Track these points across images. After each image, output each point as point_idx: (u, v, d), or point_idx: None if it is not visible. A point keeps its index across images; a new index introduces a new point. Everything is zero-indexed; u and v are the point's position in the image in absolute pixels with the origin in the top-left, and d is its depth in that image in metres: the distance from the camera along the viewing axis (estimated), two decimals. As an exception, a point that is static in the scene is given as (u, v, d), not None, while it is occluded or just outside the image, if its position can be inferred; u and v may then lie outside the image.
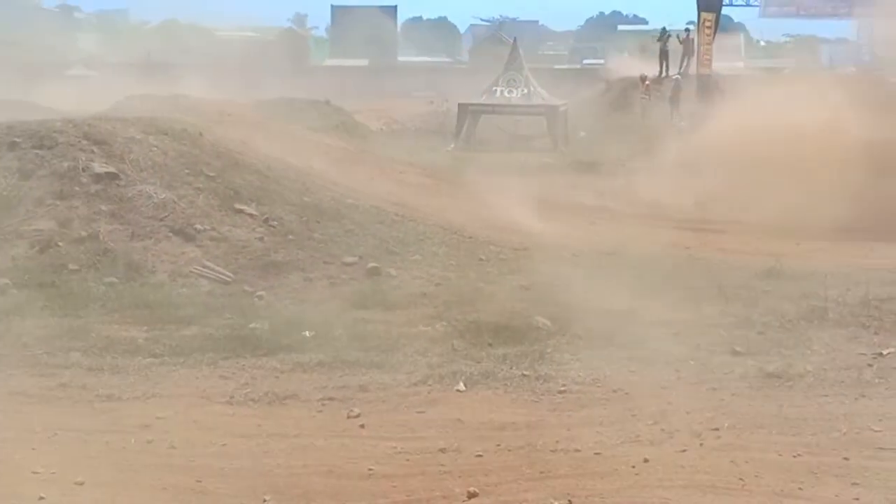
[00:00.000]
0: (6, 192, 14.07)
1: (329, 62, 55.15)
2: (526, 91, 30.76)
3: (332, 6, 57.47)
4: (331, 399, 9.45)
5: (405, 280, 13.50)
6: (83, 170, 14.55)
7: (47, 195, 14.27)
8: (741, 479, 7.72)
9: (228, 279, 13.28)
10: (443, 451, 8.32)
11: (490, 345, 10.93)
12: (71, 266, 13.20)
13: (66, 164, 14.62)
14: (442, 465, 8.11)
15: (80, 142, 15.07)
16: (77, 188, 14.35)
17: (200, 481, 7.78)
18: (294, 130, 19.74)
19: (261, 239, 14.16)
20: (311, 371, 10.21)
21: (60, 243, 13.53)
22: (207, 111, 18.72)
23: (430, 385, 9.76)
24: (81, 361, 10.18)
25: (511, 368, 10.15)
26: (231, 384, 9.78)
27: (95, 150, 14.98)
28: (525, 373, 10.03)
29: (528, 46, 41.46)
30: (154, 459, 8.12)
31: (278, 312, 12.21)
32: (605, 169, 22.76)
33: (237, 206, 14.69)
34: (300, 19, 55.23)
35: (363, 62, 52.71)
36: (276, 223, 14.56)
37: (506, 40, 42.34)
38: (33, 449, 8.03)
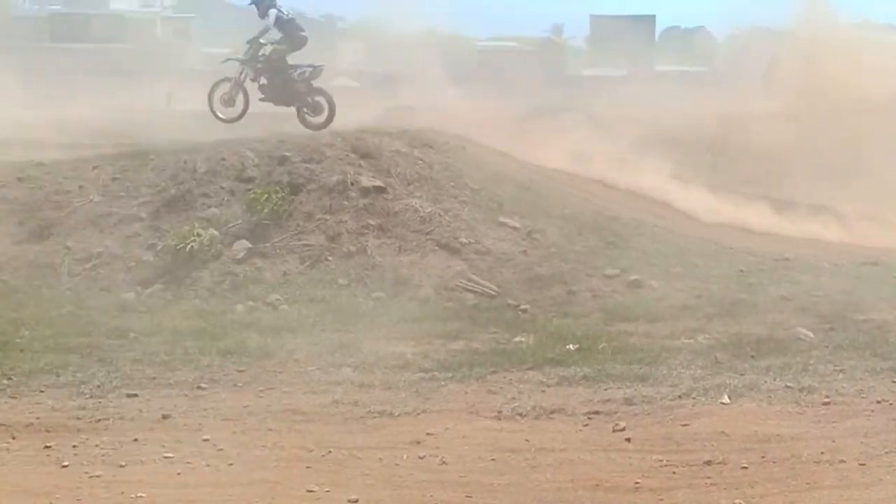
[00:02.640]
0: (277, 206, 15.10)
1: (587, 72, 55.51)
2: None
3: (590, 16, 57.82)
4: (596, 413, 9.84)
5: (667, 292, 13.71)
6: (351, 184, 15.46)
7: (317, 209, 15.25)
8: None
9: (493, 293, 13.86)
10: (708, 463, 8.63)
11: (753, 357, 11.25)
12: (340, 281, 14.19)
13: (334, 178, 15.56)
14: (708, 477, 8.42)
15: (348, 155, 16.00)
16: (345, 202, 15.27)
17: (471, 497, 8.26)
18: (553, 141, 20.14)
19: (524, 252, 14.64)
20: (577, 385, 10.59)
21: (330, 258, 14.56)
22: (468, 122, 19.45)
23: (694, 398, 10.02)
24: (353, 377, 10.86)
25: (774, 380, 10.43)
26: (499, 398, 10.26)
27: (363, 163, 15.87)
28: (788, 384, 10.28)
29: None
30: (426, 475, 8.62)
31: (543, 326, 12.70)
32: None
33: (501, 218, 15.23)
34: (557, 29, 55.94)
35: (621, 72, 52.69)
36: (538, 236, 15.01)
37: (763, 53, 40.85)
38: (308, 467, 8.61)
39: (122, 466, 8.59)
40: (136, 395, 10.24)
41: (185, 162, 16.13)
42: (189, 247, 14.39)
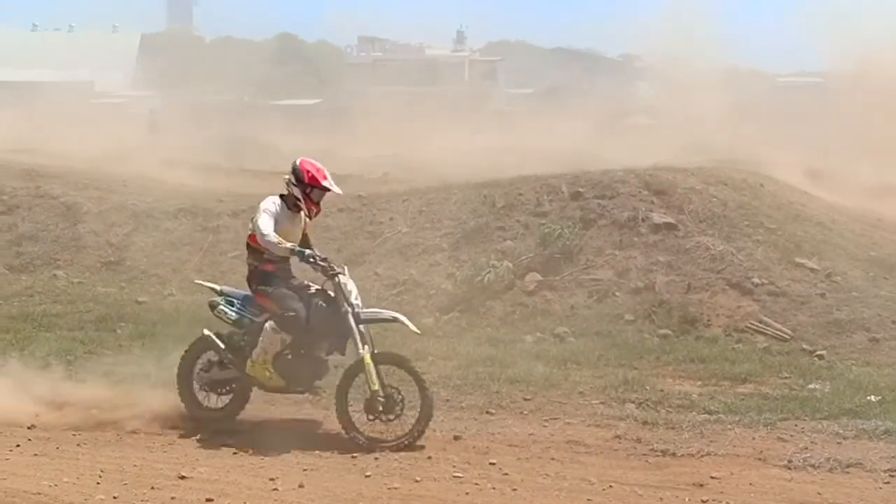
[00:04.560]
0: (570, 241, 15.24)
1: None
2: None
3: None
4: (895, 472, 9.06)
5: (984, 345, 12.46)
6: (642, 220, 15.36)
7: (607, 244, 15.27)
8: None
9: (787, 336, 13.22)
10: None
11: None
12: (627, 316, 14.05)
13: (626, 214, 15.54)
14: None
15: (640, 192, 15.93)
16: (636, 238, 15.20)
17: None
18: (864, 183, 19.06)
19: (822, 295, 13.87)
20: (878, 439, 9.83)
21: (617, 293, 14.46)
22: (765, 161, 18.76)
23: None
24: (636, 414, 10.69)
25: None
26: (789, 447, 9.73)
27: (655, 200, 15.74)
28: None
29: None
30: (711, 519, 8.36)
31: (841, 374, 11.93)
32: None
33: (797, 259, 14.54)
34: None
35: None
36: (839, 278, 14.19)
37: None
38: (588, 500, 8.53)
39: (417, 481, 8.92)
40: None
41: (485, 196, 16.63)
42: (485, 277, 14.80)
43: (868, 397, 10.93)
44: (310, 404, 10.72)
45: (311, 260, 9.91)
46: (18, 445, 9.74)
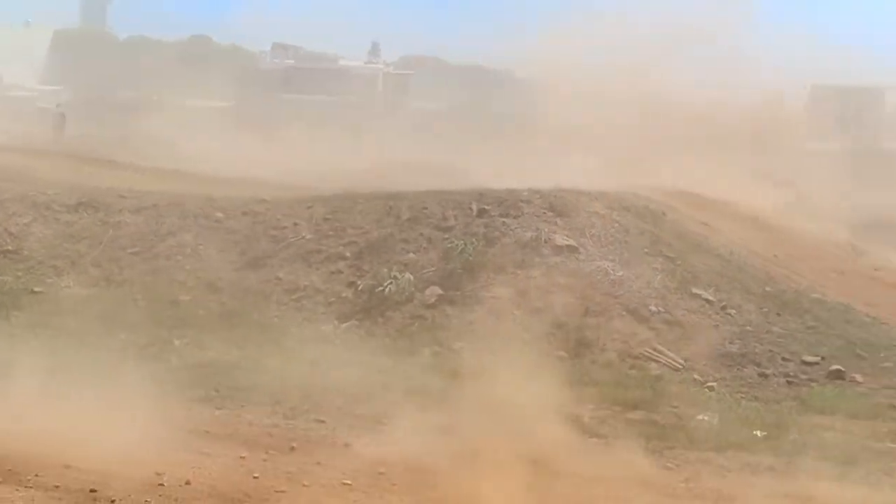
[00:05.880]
0: (472, 257, 15.20)
1: (805, 145, 53.16)
2: None
3: (811, 86, 55.79)
4: (778, 507, 9.18)
5: (872, 388, 12.75)
6: (545, 241, 15.39)
7: (508, 263, 15.25)
8: None
9: (679, 365, 13.35)
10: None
11: None
12: (524, 336, 14.01)
13: (529, 234, 15.55)
14: None
15: (544, 213, 15.97)
16: (537, 259, 15.21)
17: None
18: (760, 216, 19.43)
19: (716, 327, 14.07)
20: (761, 474, 9.94)
21: (516, 312, 14.44)
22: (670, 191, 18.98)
23: (898, 509, 9.14)
24: (529, 432, 10.59)
25: None
26: (674, 476, 9.79)
27: (558, 221, 15.81)
28: None
29: None
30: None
31: (729, 407, 12.06)
32: None
33: (694, 290, 14.72)
34: (775, 98, 54.08)
35: (842, 146, 50.40)
36: (733, 311, 14.39)
37: None
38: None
39: (305, 486, 8.74)
40: (323, 422, 10.49)
41: (391, 207, 16.48)
42: (386, 288, 14.65)
43: (755, 432, 11.06)
44: (201, 403, 10.43)
45: None
46: None
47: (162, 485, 8.44)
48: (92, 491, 8.17)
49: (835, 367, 13.13)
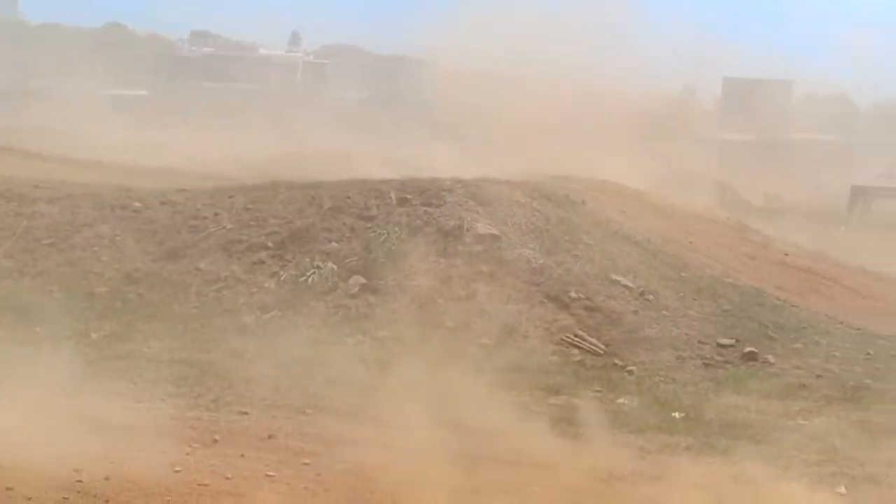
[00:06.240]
0: (395, 246, 15.18)
1: (717, 135, 54.47)
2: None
3: (723, 79, 57.01)
4: (696, 485, 9.35)
5: (783, 368, 13.09)
6: (467, 230, 15.44)
7: (431, 252, 15.25)
8: None
9: (600, 351, 13.53)
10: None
11: (876, 448, 10.44)
12: (448, 324, 14.07)
13: (451, 223, 15.55)
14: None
15: (466, 202, 15.98)
16: (460, 247, 15.22)
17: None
18: (676, 203, 19.81)
19: (635, 312, 14.28)
20: (680, 455, 10.18)
21: (440, 300, 14.48)
22: (590, 180, 19.24)
23: (805, 483, 9.44)
24: (452, 420, 10.49)
25: None
26: (595, 459, 9.89)
27: (480, 210, 15.85)
28: None
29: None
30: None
31: (648, 390, 12.31)
32: None
33: (614, 276, 14.91)
34: (689, 91, 55.26)
35: (753, 137, 51.67)
36: (651, 297, 14.62)
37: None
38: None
39: (227, 479, 8.67)
40: (246, 413, 10.42)
41: (312, 197, 16.37)
42: (309, 278, 14.56)
43: (673, 413, 11.30)
44: (120, 397, 10.27)
45: None
46: None
47: (80, 481, 8.30)
48: (8, 489, 8.00)
49: (748, 349, 13.45)
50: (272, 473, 8.86)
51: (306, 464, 9.17)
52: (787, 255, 18.57)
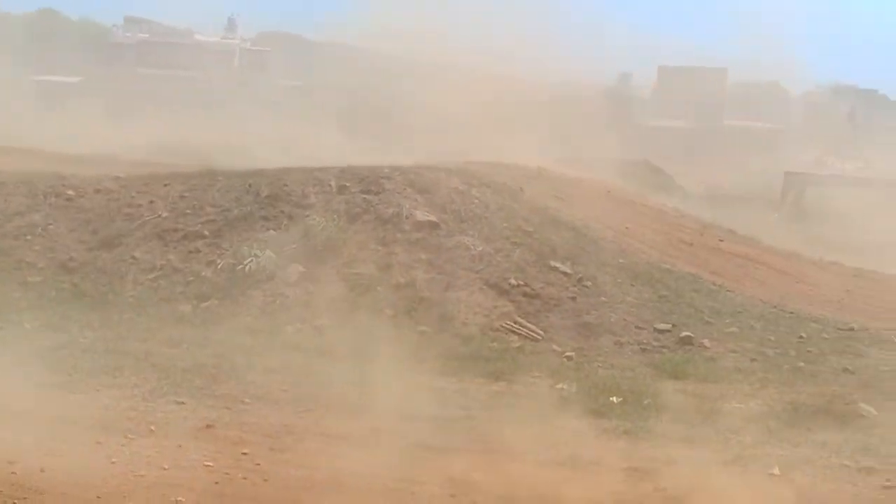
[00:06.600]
0: (334, 234, 15.10)
1: (652, 122, 55.10)
2: (861, 164, 29.46)
3: (658, 67, 57.58)
4: (635, 469, 9.47)
5: (719, 352, 13.29)
6: (406, 217, 15.41)
7: (370, 240, 15.21)
8: None
9: (539, 337, 13.60)
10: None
11: (809, 429, 10.70)
12: (387, 311, 14.02)
13: (390, 211, 15.52)
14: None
15: (405, 189, 15.97)
16: (399, 235, 15.21)
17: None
18: (613, 190, 19.98)
19: (573, 298, 14.37)
20: (618, 439, 10.27)
21: (379, 288, 14.43)
22: (527, 167, 19.33)
23: (741, 465, 9.59)
24: (393, 407, 10.51)
25: (830, 457, 9.91)
26: (535, 444, 9.92)
27: (419, 198, 15.83)
28: (846, 463, 9.78)
29: (866, 116, 39.58)
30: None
31: (587, 375, 12.38)
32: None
33: (552, 263, 14.99)
34: (625, 78, 55.70)
35: (687, 124, 52.30)
36: (589, 283, 14.72)
37: (846, 110, 40.62)
38: (339, 493, 8.42)
39: (165, 469, 8.58)
40: (183, 403, 10.32)
41: (250, 185, 16.20)
42: (247, 266, 14.42)
43: (611, 398, 11.39)
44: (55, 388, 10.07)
45: None
46: None
47: (14, 473, 8.15)
48: (-61, 484, 7.78)
49: (685, 333, 13.63)
50: (210, 463, 8.77)
51: (245, 454, 9.08)
52: (722, 240, 18.82)
